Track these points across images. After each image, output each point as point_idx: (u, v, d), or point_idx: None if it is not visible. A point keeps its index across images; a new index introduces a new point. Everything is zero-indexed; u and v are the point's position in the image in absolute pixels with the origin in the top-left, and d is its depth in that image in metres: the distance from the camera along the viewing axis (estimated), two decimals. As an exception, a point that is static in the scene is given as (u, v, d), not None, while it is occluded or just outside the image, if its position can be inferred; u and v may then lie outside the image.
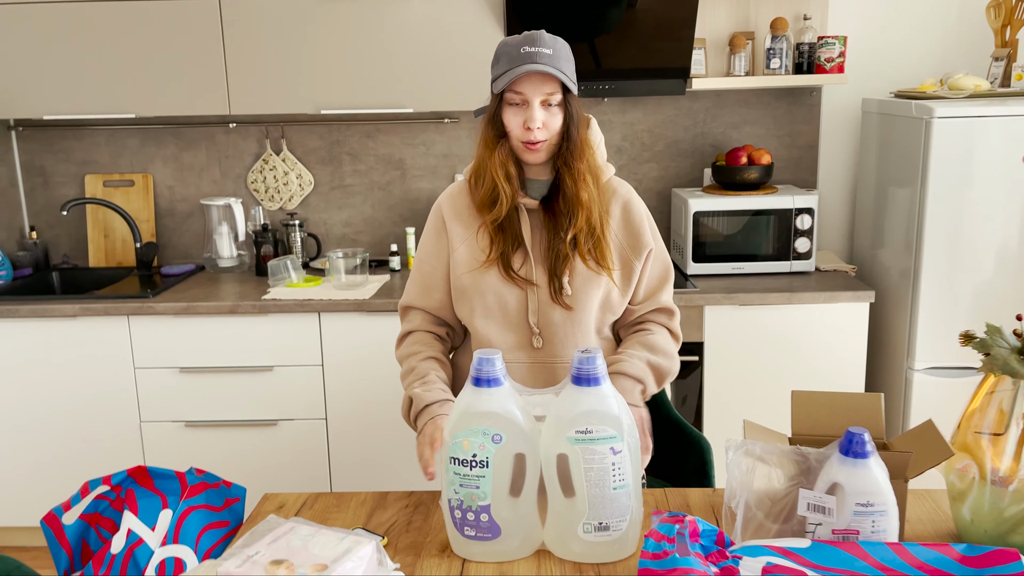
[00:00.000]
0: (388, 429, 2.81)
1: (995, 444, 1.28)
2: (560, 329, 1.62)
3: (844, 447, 1.23)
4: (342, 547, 1.02)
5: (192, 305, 2.74)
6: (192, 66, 2.85)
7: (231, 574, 0.98)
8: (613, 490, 1.30)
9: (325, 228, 3.32)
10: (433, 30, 2.80)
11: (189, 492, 1.47)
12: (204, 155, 3.27)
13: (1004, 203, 2.62)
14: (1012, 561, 1.12)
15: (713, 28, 3.09)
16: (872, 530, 1.22)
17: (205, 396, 2.82)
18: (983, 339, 1.29)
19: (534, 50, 1.50)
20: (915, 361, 2.74)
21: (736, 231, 2.92)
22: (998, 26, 2.91)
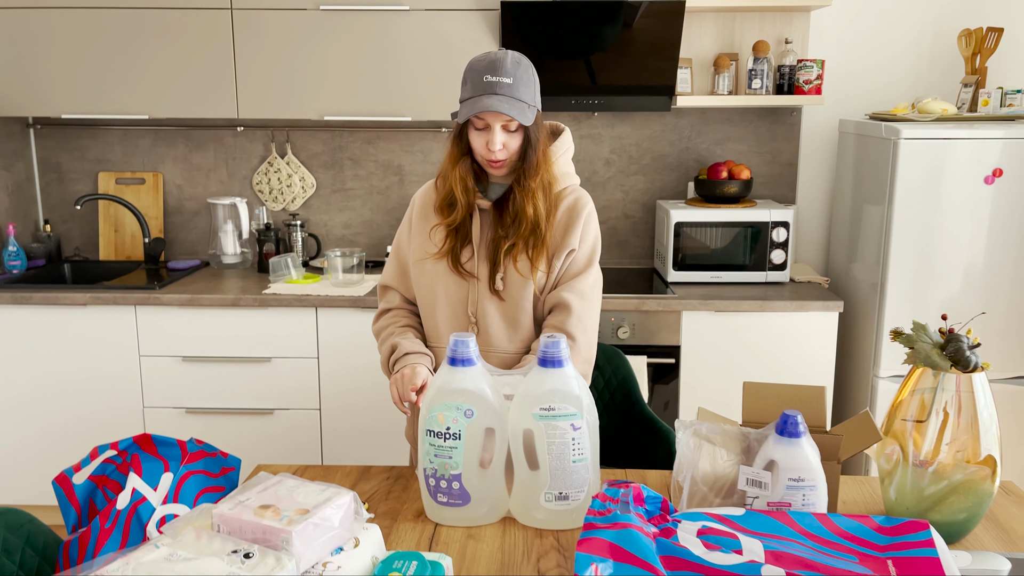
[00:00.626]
0: (379, 420, 2.94)
1: (917, 430, 1.41)
2: (495, 320, 1.76)
3: (780, 428, 1.36)
4: (323, 496, 1.15)
5: (196, 297, 2.88)
6: (204, 71, 2.99)
7: (223, 514, 1.11)
8: (573, 463, 1.43)
9: (325, 229, 3.46)
10: (432, 43, 2.95)
11: (189, 458, 1.60)
12: (212, 156, 3.42)
13: (969, 223, 2.76)
14: (921, 530, 1.25)
15: (699, 49, 3.23)
16: (803, 503, 1.35)
17: (206, 384, 2.95)
18: (909, 335, 1.43)
19: (495, 80, 1.62)
20: (880, 369, 2.87)
21: (715, 242, 3.05)
22: (968, 54, 3.06)
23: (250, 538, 1.08)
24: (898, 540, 1.25)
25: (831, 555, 1.22)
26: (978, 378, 1.38)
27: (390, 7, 2.93)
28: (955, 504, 1.40)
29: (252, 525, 1.09)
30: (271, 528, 1.08)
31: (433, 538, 1.43)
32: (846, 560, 1.21)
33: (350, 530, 1.15)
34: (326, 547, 1.11)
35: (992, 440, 1.39)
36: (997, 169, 2.70)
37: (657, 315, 2.87)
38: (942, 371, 1.38)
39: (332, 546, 1.12)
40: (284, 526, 1.07)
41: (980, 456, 1.39)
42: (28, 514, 1.51)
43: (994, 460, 1.40)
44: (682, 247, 3.04)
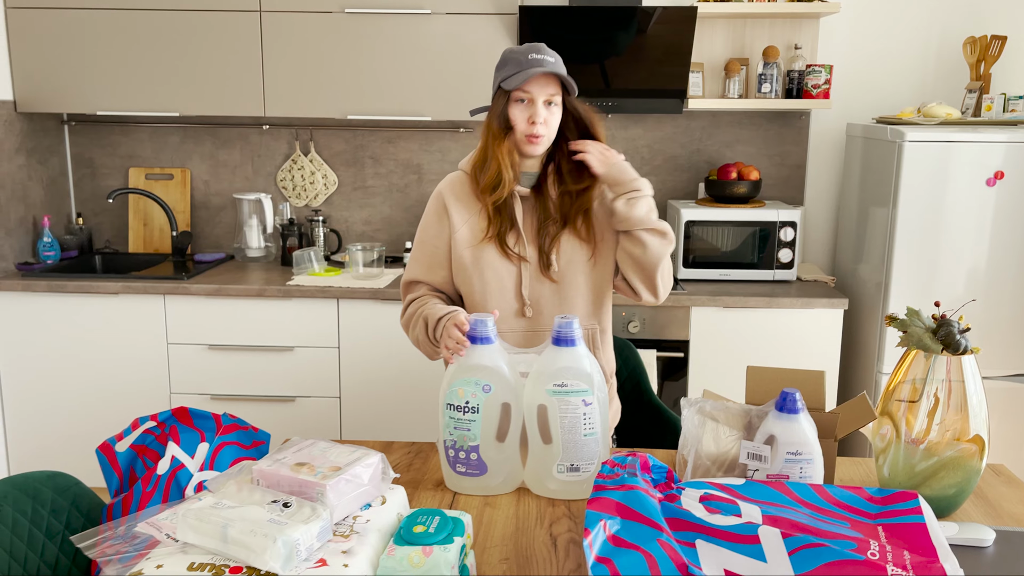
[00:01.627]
0: (398, 408, 3.04)
1: (910, 411, 1.49)
2: (548, 301, 1.83)
3: (779, 405, 1.45)
4: (354, 456, 1.24)
5: (223, 287, 2.98)
6: (232, 71, 3.10)
7: (263, 470, 1.20)
8: (584, 436, 1.52)
9: (346, 225, 3.56)
10: (452, 46, 3.05)
11: (223, 430, 1.70)
12: (238, 154, 3.53)
13: (973, 225, 2.83)
14: (910, 499, 1.33)
15: (711, 53, 3.32)
16: (800, 475, 1.43)
17: (230, 371, 3.05)
18: (903, 319, 1.51)
19: (540, 57, 1.73)
20: (884, 365, 2.94)
21: (725, 241, 3.13)
22: (973, 61, 3.13)
23: (287, 491, 1.18)
24: (888, 508, 1.33)
25: (825, 520, 1.30)
26: (967, 360, 1.46)
27: (412, 11, 3.03)
28: (945, 479, 1.47)
29: (289, 480, 1.18)
30: (307, 482, 1.17)
31: (452, 505, 1.52)
32: (838, 525, 1.29)
33: (378, 488, 1.24)
34: (356, 502, 1.20)
35: (980, 420, 1.47)
36: (999, 171, 2.77)
37: (667, 310, 2.95)
38: (933, 353, 1.46)
39: (361, 502, 1.21)
40: (319, 480, 1.17)
41: (969, 435, 1.47)
42: (74, 478, 1.61)
43: (982, 439, 1.47)
44: (692, 245, 3.13)
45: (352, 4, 3.03)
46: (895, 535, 1.27)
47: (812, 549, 1.16)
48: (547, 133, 1.76)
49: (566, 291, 1.83)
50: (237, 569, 1.06)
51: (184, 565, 1.07)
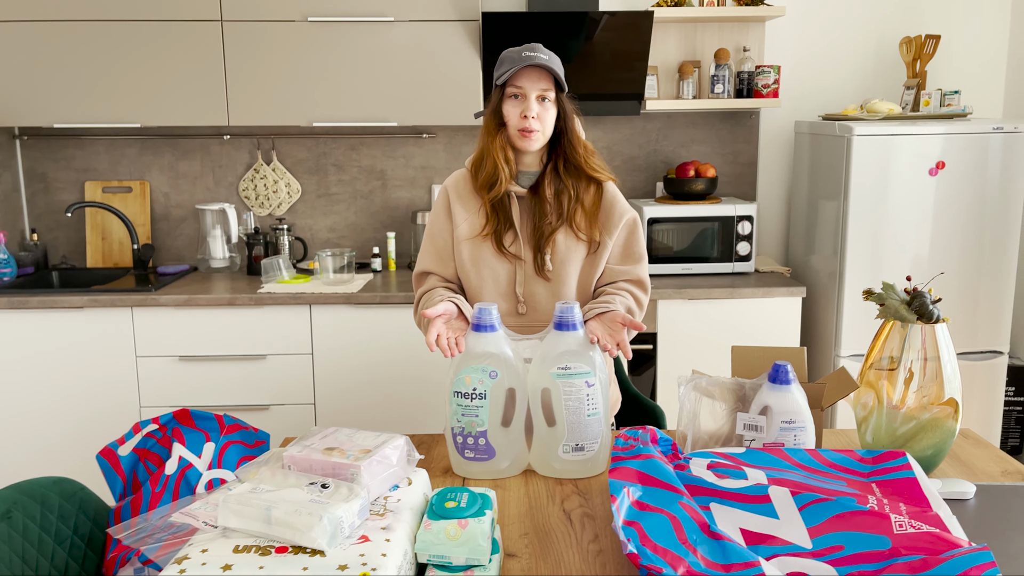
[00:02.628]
0: (374, 412, 3.05)
1: (889, 378, 1.60)
2: (541, 299, 1.89)
3: (772, 376, 1.53)
4: (381, 439, 1.28)
5: (193, 298, 2.96)
6: (195, 81, 3.09)
7: (294, 456, 1.23)
8: (587, 416, 1.58)
9: (311, 233, 3.57)
10: (416, 52, 3.10)
11: (227, 430, 1.71)
12: (199, 164, 3.50)
13: (916, 213, 2.99)
14: (898, 457, 1.42)
15: (664, 57, 3.44)
16: (794, 442, 1.52)
17: (202, 382, 3.03)
18: (880, 293, 1.61)
19: (534, 54, 1.79)
20: (841, 349, 3.08)
21: (685, 236, 3.24)
22: (909, 59, 3.31)
23: (320, 474, 1.21)
24: (879, 467, 1.42)
25: (823, 480, 1.39)
26: (940, 328, 1.57)
27: (375, 18, 3.07)
28: (924, 441, 1.58)
29: (322, 463, 1.21)
30: (340, 464, 1.20)
31: (463, 489, 1.57)
32: (836, 484, 1.38)
33: (404, 469, 1.29)
34: (387, 482, 1.24)
35: (954, 384, 1.58)
36: (940, 162, 2.94)
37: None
38: (909, 323, 1.57)
39: (391, 482, 1.25)
40: (352, 462, 1.20)
41: (944, 398, 1.58)
42: (79, 483, 1.60)
43: (955, 401, 1.58)
44: (655, 242, 3.23)
45: (315, 12, 3.06)
46: (889, 490, 1.36)
47: (820, 504, 1.25)
48: (540, 128, 1.82)
49: (559, 288, 1.88)
50: (283, 548, 1.09)
51: (229, 548, 1.10)
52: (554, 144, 1.91)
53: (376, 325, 3.01)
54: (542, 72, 1.80)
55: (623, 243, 1.93)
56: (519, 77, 1.80)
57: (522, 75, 1.80)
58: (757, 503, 1.28)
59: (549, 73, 1.80)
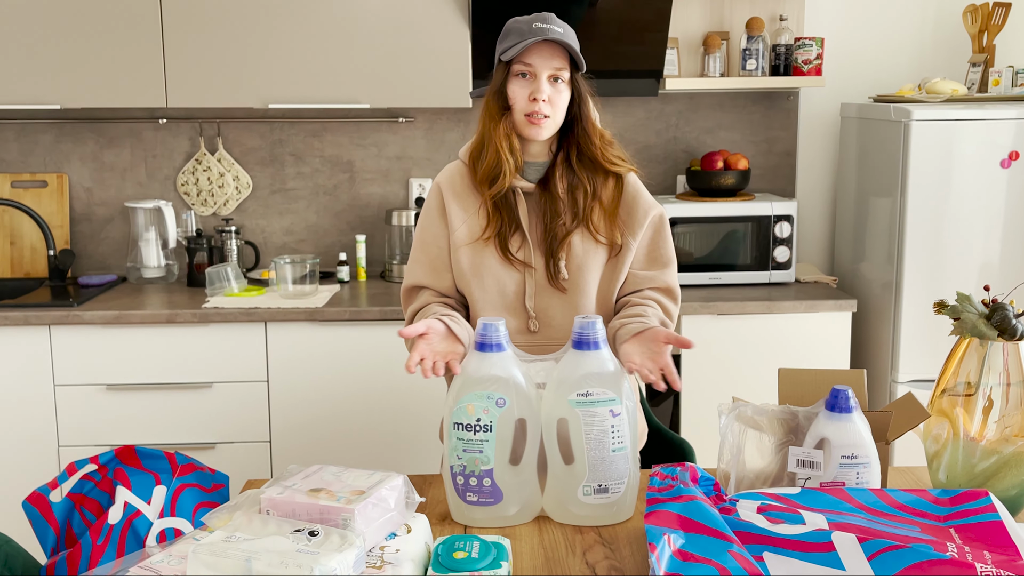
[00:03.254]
0: (343, 450, 3.07)
1: (967, 404, 1.64)
2: (556, 313, 1.92)
3: (830, 403, 1.57)
4: (375, 479, 1.31)
5: (123, 314, 2.97)
6: (125, 52, 3.11)
7: (273, 499, 1.25)
8: (612, 452, 1.61)
9: (264, 236, 3.59)
10: (393, 21, 3.13)
11: (180, 471, 1.72)
12: (129, 154, 3.52)
13: (984, 211, 3.06)
14: (981, 497, 1.47)
15: (686, 27, 3.50)
16: (856, 481, 1.56)
17: (134, 416, 3.03)
18: (954, 306, 1.66)
19: (546, 26, 1.83)
20: (899, 374, 3.14)
21: (712, 240, 3.29)
22: (975, 32, 3.39)
23: (306, 520, 1.23)
24: (958, 509, 1.47)
25: (893, 525, 1.43)
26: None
27: (343, -20, 3.11)
28: (1007, 479, 1.62)
29: (307, 507, 1.24)
30: (329, 508, 1.23)
31: (466, 539, 1.59)
32: (908, 529, 1.42)
33: (403, 515, 1.31)
34: (383, 529, 1.27)
35: (1041, 411, 1.63)
36: (1013, 152, 3.01)
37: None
38: (989, 340, 1.62)
39: (388, 529, 1.28)
40: (343, 505, 1.23)
41: (1030, 428, 1.62)
42: (4, 535, 1.61)
43: (1044, 432, 1.63)
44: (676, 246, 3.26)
45: (271, -27, 3.10)
46: (971, 535, 1.40)
47: (893, 552, 1.28)
48: (552, 114, 1.85)
49: (577, 300, 1.91)
50: (266, 608, 1.11)
51: (202, 607, 1.12)
52: (565, 132, 1.94)
53: (345, 346, 3.03)
54: (556, 48, 1.84)
55: (648, 244, 1.97)
56: (529, 53, 1.83)
57: (532, 51, 1.83)
58: (819, 552, 1.31)
59: (564, 49, 1.84)
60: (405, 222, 3.42)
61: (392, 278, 3.44)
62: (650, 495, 1.39)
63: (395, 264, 3.44)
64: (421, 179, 3.57)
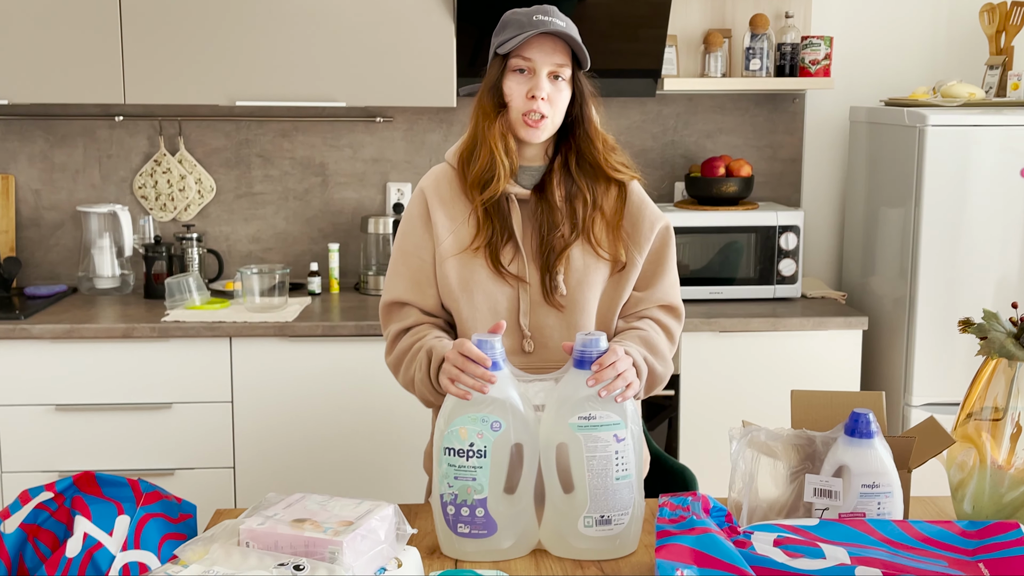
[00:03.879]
0: (311, 481, 3.05)
1: (994, 430, 1.66)
2: (554, 332, 1.91)
3: (850, 428, 1.58)
4: (363, 508, 1.30)
5: (75, 328, 2.95)
6: (80, 44, 3.09)
7: (253, 530, 1.24)
8: (616, 480, 1.61)
9: (227, 244, 3.57)
10: (372, 14, 3.13)
11: (144, 500, 1.70)
12: (81, 154, 3.50)
13: (1002, 223, 3.09)
14: (1012, 529, 1.48)
15: (685, 24, 3.52)
16: (878, 512, 1.57)
17: (85, 440, 3.01)
18: (980, 324, 1.68)
19: (548, 19, 1.83)
20: (912, 396, 3.16)
21: (713, 251, 3.31)
22: (992, 32, 3.44)
23: (290, 552, 1.22)
24: (987, 542, 1.48)
25: (919, 560, 1.43)
26: (1057, 368, 1.63)
27: (318, -31, 3.11)
28: (1037, 510, 1.64)
29: (291, 538, 1.23)
30: (315, 540, 1.22)
31: (456, 574, 1.59)
32: (936, 564, 1.42)
33: (393, 547, 1.31)
34: (373, 563, 1.26)
35: (1073, 438, 1.65)
36: (1035, 160, 3.05)
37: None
38: (1019, 361, 1.63)
39: (378, 563, 1.27)
40: (331, 537, 1.22)
41: (1061, 456, 1.64)
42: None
43: (1076, 460, 1.65)
44: (675, 258, 3.29)
45: (240, -40, 3.10)
46: (1001, 570, 1.41)
47: (921, 588, 1.29)
48: (550, 114, 1.85)
49: (576, 319, 1.91)
50: (248, 649, 1.11)
51: (178, 649, 1.11)
52: (563, 134, 1.95)
53: (318, 364, 3.02)
54: (557, 42, 1.84)
55: (654, 259, 1.97)
56: (528, 46, 1.83)
57: (532, 44, 1.83)
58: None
59: (566, 44, 1.84)
60: (382, 230, 3.42)
61: (368, 290, 3.43)
62: (660, 527, 1.39)
63: (371, 275, 3.43)
64: (399, 183, 3.57)
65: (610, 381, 1.60)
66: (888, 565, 1.39)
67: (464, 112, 3.51)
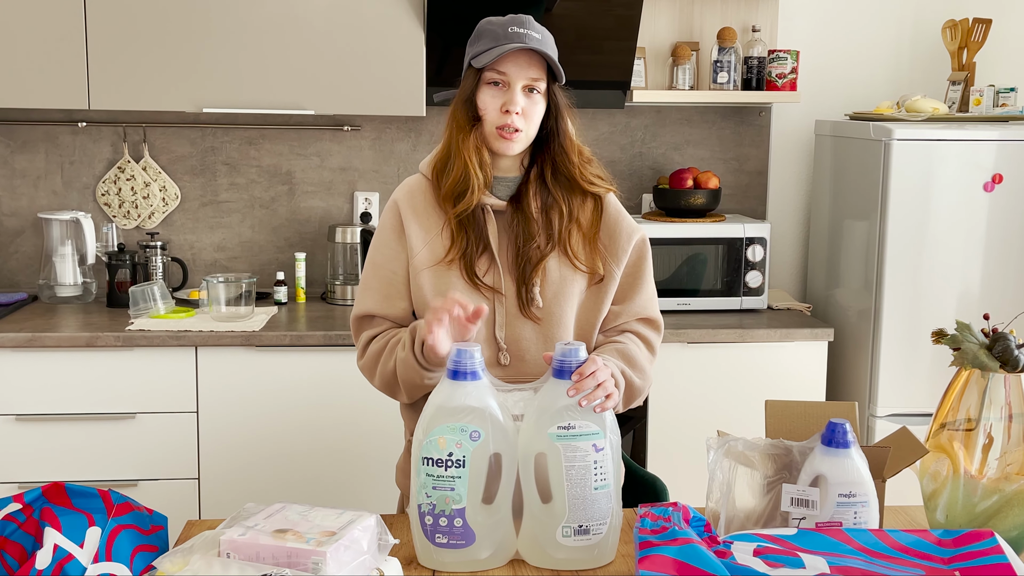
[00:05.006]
0: (278, 492, 3.02)
1: (967, 440, 1.68)
2: (530, 345, 1.91)
3: (827, 438, 1.60)
4: (345, 518, 1.29)
5: (37, 337, 2.90)
6: (43, 49, 3.05)
7: (234, 540, 1.23)
8: (594, 490, 1.61)
9: (192, 252, 3.54)
10: (341, 21, 3.12)
11: (116, 511, 1.68)
12: (43, 160, 3.45)
13: (965, 236, 3.14)
14: (986, 538, 1.50)
15: (653, 36, 3.55)
16: (854, 521, 1.58)
17: (48, 451, 2.96)
18: (954, 335, 1.70)
19: (523, 31, 1.83)
20: (877, 407, 3.20)
21: (681, 263, 3.33)
22: (954, 48, 3.50)
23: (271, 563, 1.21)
24: (963, 551, 1.49)
25: (896, 569, 1.45)
26: (1028, 379, 1.66)
27: (287, -24, 3.10)
28: (1009, 519, 1.66)
29: (273, 549, 1.21)
30: (298, 551, 1.21)
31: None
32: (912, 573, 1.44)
33: (375, 558, 1.30)
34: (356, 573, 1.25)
35: (1043, 448, 1.67)
36: (996, 175, 3.10)
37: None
38: (991, 372, 1.66)
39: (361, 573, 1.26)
40: (314, 548, 1.21)
41: (1031, 465, 1.66)
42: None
43: (1046, 469, 1.67)
44: (643, 269, 3.31)
45: (208, -34, 3.07)
46: (977, 578, 1.43)
47: (901, 596, 1.30)
48: (525, 128, 1.86)
49: (552, 331, 1.91)
50: (231, 662, 1.09)
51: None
52: (539, 146, 1.95)
53: (285, 374, 3.00)
54: (532, 56, 1.85)
55: (631, 271, 1.98)
56: (503, 60, 1.83)
57: (507, 58, 1.83)
58: (823, 597, 1.32)
59: (541, 58, 1.85)
60: (349, 239, 3.40)
61: (335, 300, 3.41)
62: (642, 538, 1.39)
63: (338, 285, 3.41)
64: (367, 192, 3.56)
65: (590, 391, 1.59)
66: (866, 574, 1.40)
67: (433, 121, 3.51)
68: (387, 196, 3.56)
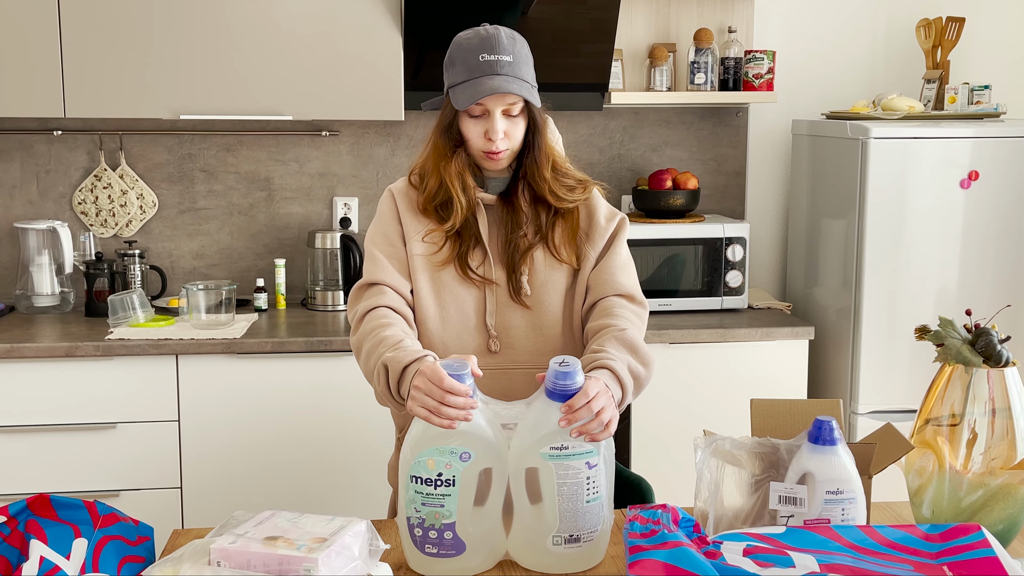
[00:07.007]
0: (261, 501, 3.01)
1: (951, 435, 1.69)
2: (520, 333, 1.93)
3: (813, 435, 1.60)
4: (335, 524, 1.28)
5: (16, 347, 2.88)
6: (17, 57, 3.03)
7: (225, 548, 1.22)
8: (586, 503, 1.62)
9: (171, 260, 3.52)
10: (318, 26, 3.12)
11: (102, 522, 1.67)
12: (18, 168, 3.42)
13: (942, 233, 3.17)
14: (974, 531, 1.51)
15: (630, 38, 3.56)
16: (842, 518, 1.59)
17: (29, 462, 2.94)
18: (937, 331, 1.71)
19: (494, 58, 1.83)
20: (858, 404, 3.22)
21: (661, 264, 3.34)
22: (928, 47, 3.53)
23: (263, 571, 1.20)
24: (950, 545, 1.50)
25: (884, 564, 1.46)
26: (1010, 373, 1.67)
27: (264, -18, 3.09)
28: (993, 513, 1.67)
29: (264, 557, 1.21)
30: (289, 558, 1.20)
31: (425, 591, 1.57)
32: (901, 569, 1.45)
33: (367, 563, 1.29)
34: (348, 581, 1.24)
35: (1027, 442, 1.69)
36: (973, 172, 3.13)
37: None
38: (974, 367, 1.67)
39: (353, 581, 1.26)
40: (305, 554, 1.20)
41: (1016, 460, 1.68)
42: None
43: (1030, 463, 1.69)
44: (624, 270, 3.31)
45: (184, -28, 3.06)
46: (964, 572, 1.44)
47: (890, 593, 1.31)
48: (509, 146, 1.90)
49: (540, 319, 1.94)
50: (225, 672, 1.08)
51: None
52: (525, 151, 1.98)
53: (267, 381, 2.99)
54: None
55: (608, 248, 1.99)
56: None
57: None
58: (813, 595, 1.33)
59: None
60: (329, 245, 3.39)
61: (315, 306, 3.40)
62: (632, 542, 1.39)
63: (318, 291, 3.40)
64: (346, 198, 3.55)
65: (584, 422, 1.59)
66: (856, 571, 1.40)
67: (411, 125, 3.51)
68: (366, 201, 3.56)
